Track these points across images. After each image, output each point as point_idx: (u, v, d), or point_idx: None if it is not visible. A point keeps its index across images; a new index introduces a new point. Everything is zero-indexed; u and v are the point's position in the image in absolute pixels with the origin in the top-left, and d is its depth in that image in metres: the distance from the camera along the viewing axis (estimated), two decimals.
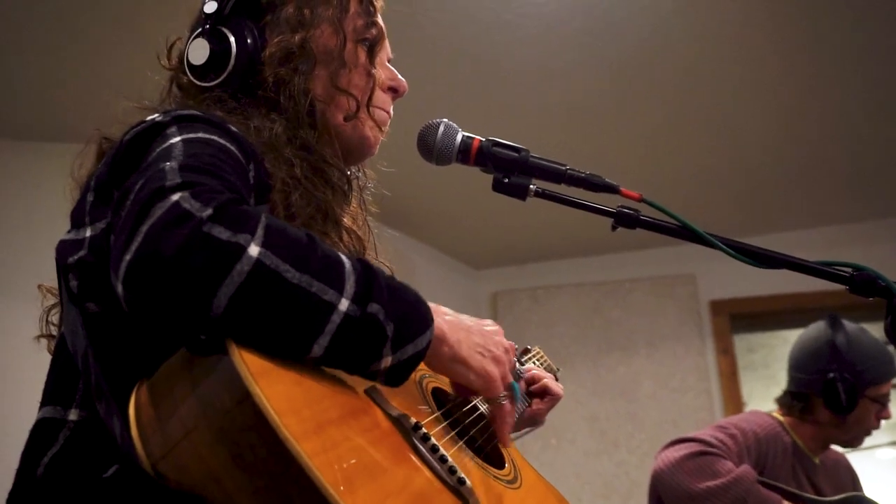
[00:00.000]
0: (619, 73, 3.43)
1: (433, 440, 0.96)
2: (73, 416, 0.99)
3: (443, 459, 0.94)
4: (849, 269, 1.23)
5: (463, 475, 0.94)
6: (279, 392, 0.80)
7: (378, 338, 0.89)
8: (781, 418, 2.51)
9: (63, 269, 1.05)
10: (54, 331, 1.18)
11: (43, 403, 1.04)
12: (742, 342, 5.15)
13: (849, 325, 2.47)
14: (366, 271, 0.91)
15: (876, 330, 2.57)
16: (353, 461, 0.81)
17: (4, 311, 3.30)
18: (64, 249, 1.06)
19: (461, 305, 4.77)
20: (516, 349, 1.42)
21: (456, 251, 5.10)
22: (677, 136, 3.88)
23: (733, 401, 4.61)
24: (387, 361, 0.91)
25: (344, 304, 0.87)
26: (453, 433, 1.08)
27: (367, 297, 0.88)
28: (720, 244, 1.23)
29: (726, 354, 4.71)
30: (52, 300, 1.19)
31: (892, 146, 3.99)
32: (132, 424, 0.84)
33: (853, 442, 2.49)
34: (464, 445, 1.08)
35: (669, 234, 1.25)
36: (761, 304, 4.71)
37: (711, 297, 4.81)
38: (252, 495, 0.77)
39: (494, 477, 1.09)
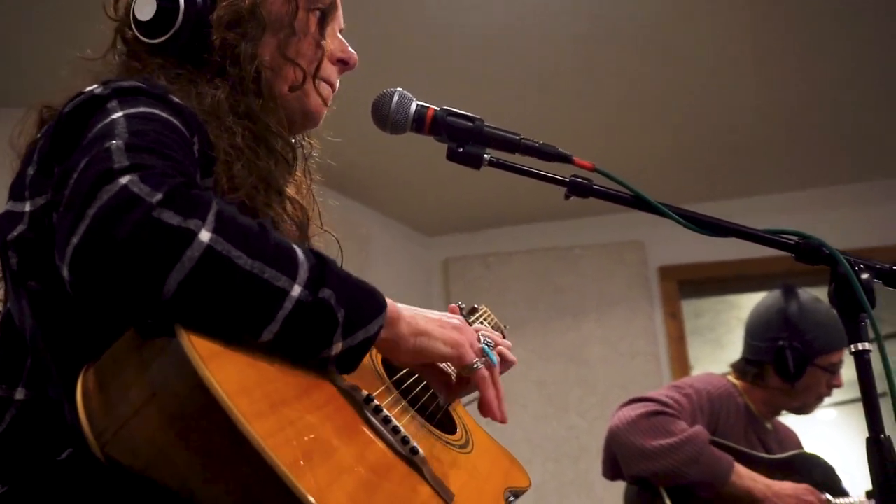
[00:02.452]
0: (585, 42, 3.42)
1: (385, 411, 0.96)
2: (19, 395, 0.97)
3: (395, 430, 0.95)
4: (795, 238, 1.25)
5: (415, 444, 0.94)
6: (230, 374, 0.79)
7: (329, 324, 0.89)
8: (736, 382, 2.57)
9: (2, 244, 1.02)
10: None
11: None
12: (689, 307, 5.23)
13: (803, 294, 2.52)
14: (318, 260, 0.90)
15: (824, 294, 2.63)
16: (307, 439, 0.81)
17: None
18: (2, 224, 1.03)
19: (413, 272, 4.80)
20: (463, 308, 1.42)
21: (407, 218, 5.08)
22: (639, 107, 3.89)
23: (681, 364, 4.68)
24: (337, 348, 0.91)
25: (296, 291, 0.86)
26: (405, 402, 1.09)
27: (319, 282, 0.88)
28: (671, 213, 1.25)
29: (674, 319, 4.78)
30: None
31: (846, 113, 4.04)
32: (80, 408, 0.83)
33: (804, 409, 2.55)
34: (415, 414, 1.08)
35: (622, 204, 1.26)
36: (709, 270, 4.78)
37: (660, 263, 4.86)
38: (205, 477, 0.77)
39: (446, 443, 1.09)
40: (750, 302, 5.75)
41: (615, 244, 4.91)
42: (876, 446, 1.12)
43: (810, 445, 2.70)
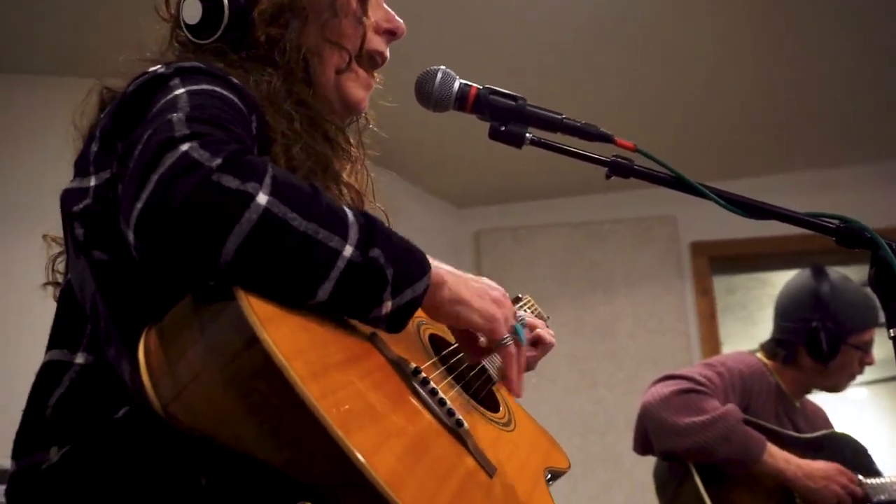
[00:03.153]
0: (600, 19, 3.42)
1: (432, 384, 0.99)
2: (79, 359, 1.02)
3: (441, 402, 0.98)
4: (835, 221, 1.25)
5: (460, 417, 0.97)
6: (286, 336, 0.83)
7: (379, 282, 0.92)
8: (766, 361, 2.58)
9: (68, 217, 1.06)
10: (60, 278, 1.19)
11: (49, 347, 1.06)
12: (721, 283, 5.22)
13: (833, 274, 2.52)
14: (367, 220, 0.94)
15: (855, 274, 2.62)
16: (357, 403, 0.84)
17: (13, 254, 3.26)
18: (68, 198, 1.07)
19: (443, 244, 4.80)
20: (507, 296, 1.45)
21: (438, 190, 5.09)
22: (657, 82, 3.88)
23: (711, 341, 4.69)
24: (387, 307, 0.94)
25: (348, 251, 0.89)
26: (450, 378, 1.11)
27: (368, 243, 0.91)
28: (711, 194, 1.25)
29: (705, 296, 4.78)
30: (56, 248, 1.20)
31: (875, 91, 4.01)
32: (142, 368, 0.86)
33: (837, 387, 2.56)
34: (460, 389, 1.11)
35: (662, 184, 1.27)
36: (741, 246, 4.76)
37: (692, 238, 4.85)
38: (260, 436, 0.80)
39: (489, 419, 1.12)
40: (782, 279, 5.73)
41: (647, 219, 4.90)
42: None
43: (841, 425, 2.71)
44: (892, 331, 1.18)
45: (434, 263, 1.01)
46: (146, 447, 0.88)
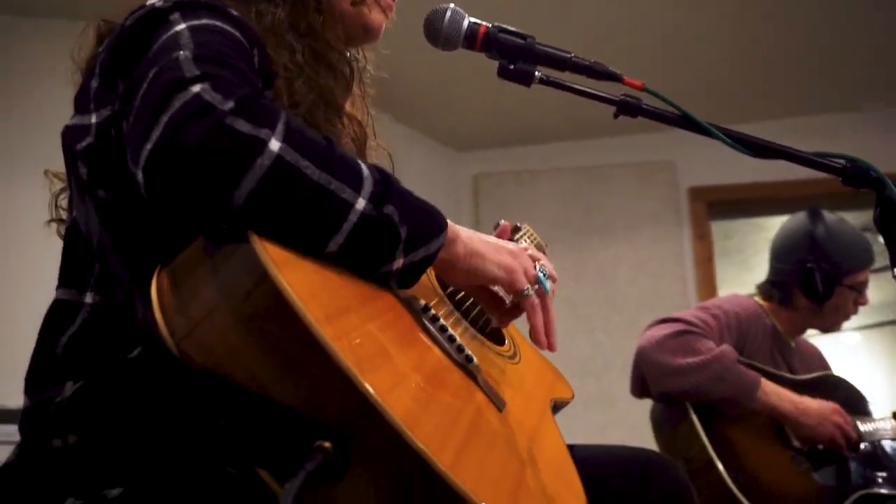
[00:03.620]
0: None
1: (441, 320, 1.00)
2: (88, 298, 1.02)
3: (451, 339, 0.98)
4: (842, 161, 1.26)
5: (470, 353, 0.98)
6: (299, 279, 0.83)
7: (391, 239, 0.91)
8: (762, 303, 2.60)
9: (71, 155, 1.05)
10: (64, 215, 1.19)
11: (59, 286, 1.06)
12: (718, 228, 5.23)
13: (828, 216, 2.53)
14: (382, 176, 0.93)
15: (851, 220, 2.63)
16: (371, 344, 0.85)
17: (14, 194, 3.25)
18: (70, 135, 1.06)
19: (442, 188, 4.81)
20: (499, 225, 1.45)
21: (437, 132, 5.06)
22: (664, 23, 3.85)
23: (708, 286, 4.71)
24: (398, 263, 0.93)
25: (361, 204, 0.88)
26: (458, 313, 1.12)
27: (383, 198, 0.90)
28: (718, 133, 1.25)
29: (703, 240, 4.80)
30: (59, 185, 1.20)
31: (885, 34, 3.98)
32: (155, 307, 0.86)
33: (832, 327, 2.59)
34: (467, 324, 1.12)
35: (670, 124, 1.27)
36: (738, 191, 4.77)
37: (690, 183, 4.85)
38: (275, 375, 0.81)
39: (496, 353, 1.13)
40: (779, 224, 5.74)
41: (646, 164, 4.90)
42: None
43: (834, 367, 2.74)
44: (895, 270, 1.19)
45: (449, 221, 1.00)
46: (163, 386, 0.88)
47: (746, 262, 6.19)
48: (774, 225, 5.81)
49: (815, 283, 2.45)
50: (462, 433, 0.86)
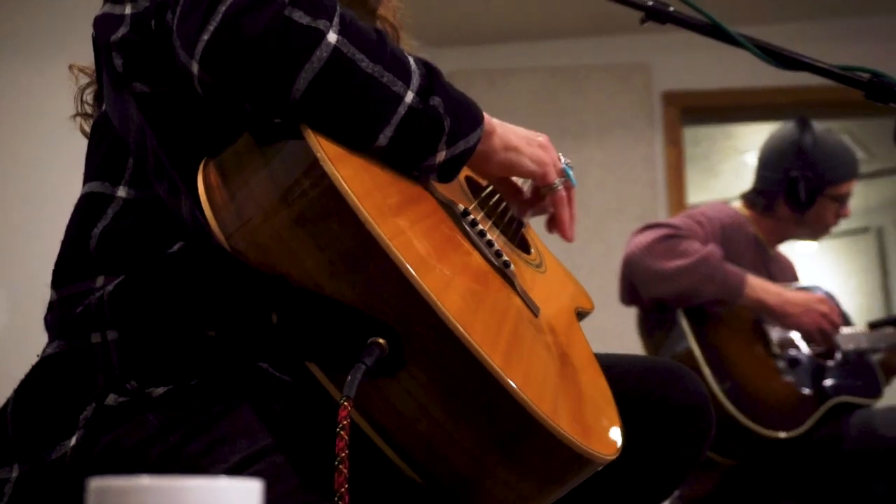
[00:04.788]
0: None
1: (480, 225, 0.99)
2: (121, 192, 0.99)
3: (489, 244, 0.99)
4: (867, 74, 1.26)
5: (507, 258, 0.99)
6: (351, 175, 0.82)
7: (436, 131, 0.91)
8: (745, 212, 2.63)
9: (104, 47, 1.01)
10: (89, 109, 1.15)
11: (88, 178, 1.03)
12: (688, 134, 5.25)
13: (816, 126, 2.55)
14: (428, 69, 0.92)
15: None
16: (423, 244, 0.85)
17: (38, 87, 3.13)
18: (103, 26, 1.02)
19: None
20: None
21: (409, 27, 4.96)
22: None
23: (677, 191, 4.75)
24: (440, 156, 0.93)
25: (409, 97, 0.88)
26: (490, 221, 1.12)
27: (429, 90, 0.90)
28: (747, 43, 1.24)
29: (675, 146, 4.81)
30: (84, 79, 1.15)
31: None
32: (204, 203, 0.85)
33: (812, 237, 2.64)
34: (499, 232, 1.12)
35: (698, 32, 1.26)
36: (713, 98, 4.77)
37: (664, 88, 4.83)
38: (331, 273, 0.81)
39: (526, 261, 1.14)
40: (747, 132, 5.77)
41: (621, 66, 4.85)
42: None
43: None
44: None
45: (486, 115, 1.00)
46: (210, 282, 0.88)
47: (713, 168, 6.25)
48: (743, 132, 5.86)
49: (798, 192, 2.48)
50: (508, 335, 0.87)
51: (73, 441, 0.90)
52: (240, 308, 0.86)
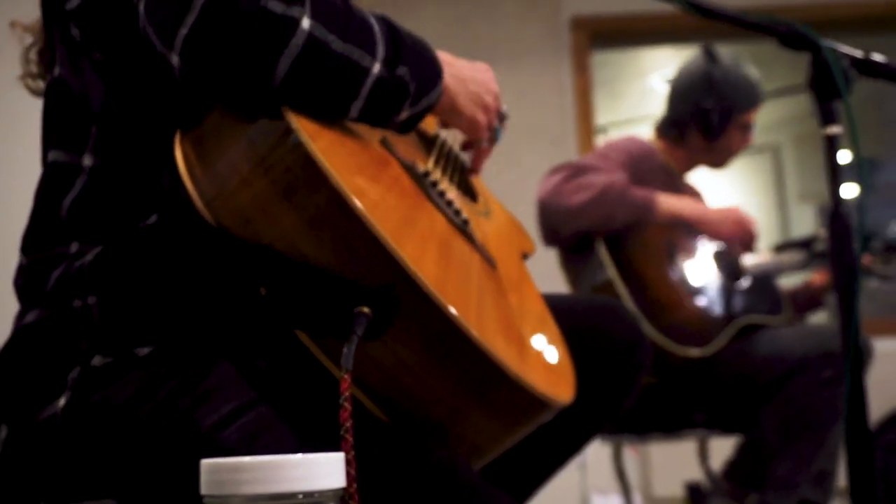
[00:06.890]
0: None
1: (439, 186, 1.05)
2: (87, 161, 1.00)
3: (449, 203, 1.04)
4: (784, 25, 1.35)
5: (466, 216, 1.04)
6: (326, 147, 0.86)
7: (402, 97, 0.96)
8: (657, 143, 2.74)
9: (60, 15, 1.00)
10: (35, 69, 1.14)
11: (49, 146, 1.04)
12: (596, 59, 5.34)
13: (724, 57, 2.64)
14: (391, 32, 0.96)
15: (726, 51, 2.74)
16: (396, 213, 0.90)
17: None
18: None
19: None
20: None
21: None
22: None
23: (585, 117, 4.85)
24: (404, 115, 0.98)
25: (377, 68, 0.92)
26: (447, 179, 1.17)
27: (395, 60, 0.93)
28: None
29: (583, 72, 4.89)
30: (29, 39, 1.14)
31: None
32: (184, 175, 0.88)
33: (720, 164, 2.76)
34: (455, 187, 1.17)
35: None
36: (621, 23, 4.86)
37: (573, 12, 4.89)
38: (314, 241, 0.85)
39: (476, 212, 1.20)
40: (651, 56, 5.89)
41: None
42: (835, 218, 1.29)
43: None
44: (826, 129, 1.32)
45: (443, 66, 1.03)
46: (196, 254, 0.91)
47: (617, 92, 6.37)
48: (646, 56, 5.96)
49: (710, 121, 2.59)
50: (476, 295, 0.94)
51: (63, 402, 0.93)
52: (227, 282, 0.90)
